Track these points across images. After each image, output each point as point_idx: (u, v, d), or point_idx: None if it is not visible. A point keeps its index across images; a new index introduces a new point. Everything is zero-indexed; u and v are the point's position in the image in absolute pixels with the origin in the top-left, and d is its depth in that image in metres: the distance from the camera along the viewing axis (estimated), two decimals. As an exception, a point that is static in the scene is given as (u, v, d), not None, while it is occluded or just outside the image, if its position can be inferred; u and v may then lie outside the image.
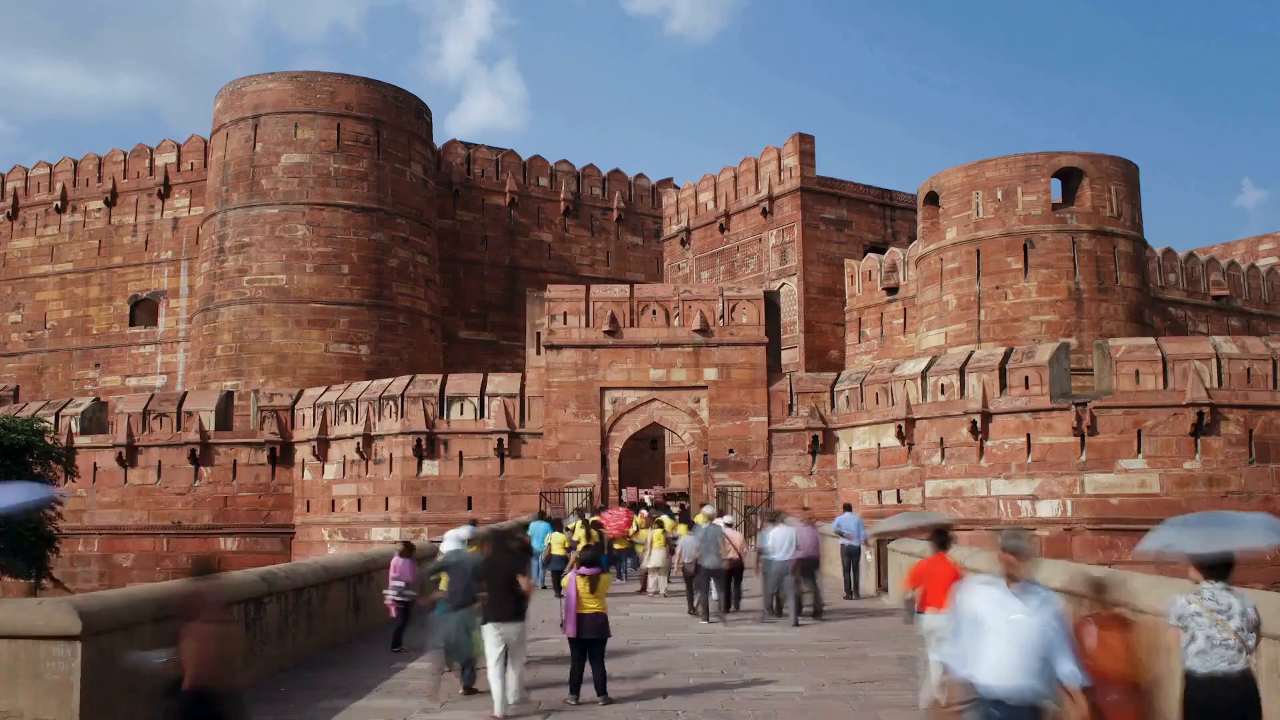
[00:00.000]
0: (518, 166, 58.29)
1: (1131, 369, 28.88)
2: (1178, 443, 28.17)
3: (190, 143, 56.06)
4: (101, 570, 38.16)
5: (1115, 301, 38.72)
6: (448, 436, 34.80)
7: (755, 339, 35.18)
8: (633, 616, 16.41)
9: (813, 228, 49.19)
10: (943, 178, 41.52)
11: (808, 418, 34.79)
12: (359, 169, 48.68)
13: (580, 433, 34.62)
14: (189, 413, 38.68)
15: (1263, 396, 28.23)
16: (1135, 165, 40.39)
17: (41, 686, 7.64)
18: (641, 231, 61.12)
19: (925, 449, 31.86)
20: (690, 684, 10.83)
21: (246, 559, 35.43)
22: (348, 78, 49.90)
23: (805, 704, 9.85)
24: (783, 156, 50.42)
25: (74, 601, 7.90)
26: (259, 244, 47.75)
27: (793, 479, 34.68)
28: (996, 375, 30.39)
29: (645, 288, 37.45)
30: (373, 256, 48.44)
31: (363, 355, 47.42)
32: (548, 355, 35.11)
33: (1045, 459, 29.33)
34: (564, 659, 10.43)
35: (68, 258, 56.89)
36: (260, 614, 10.93)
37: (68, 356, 55.95)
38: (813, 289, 48.80)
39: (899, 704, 9.84)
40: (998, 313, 39.04)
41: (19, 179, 58.68)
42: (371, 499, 35.71)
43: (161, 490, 38.37)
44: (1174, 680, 6.09)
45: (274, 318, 47.12)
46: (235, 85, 50.23)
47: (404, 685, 10.88)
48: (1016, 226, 39.19)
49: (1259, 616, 6.08)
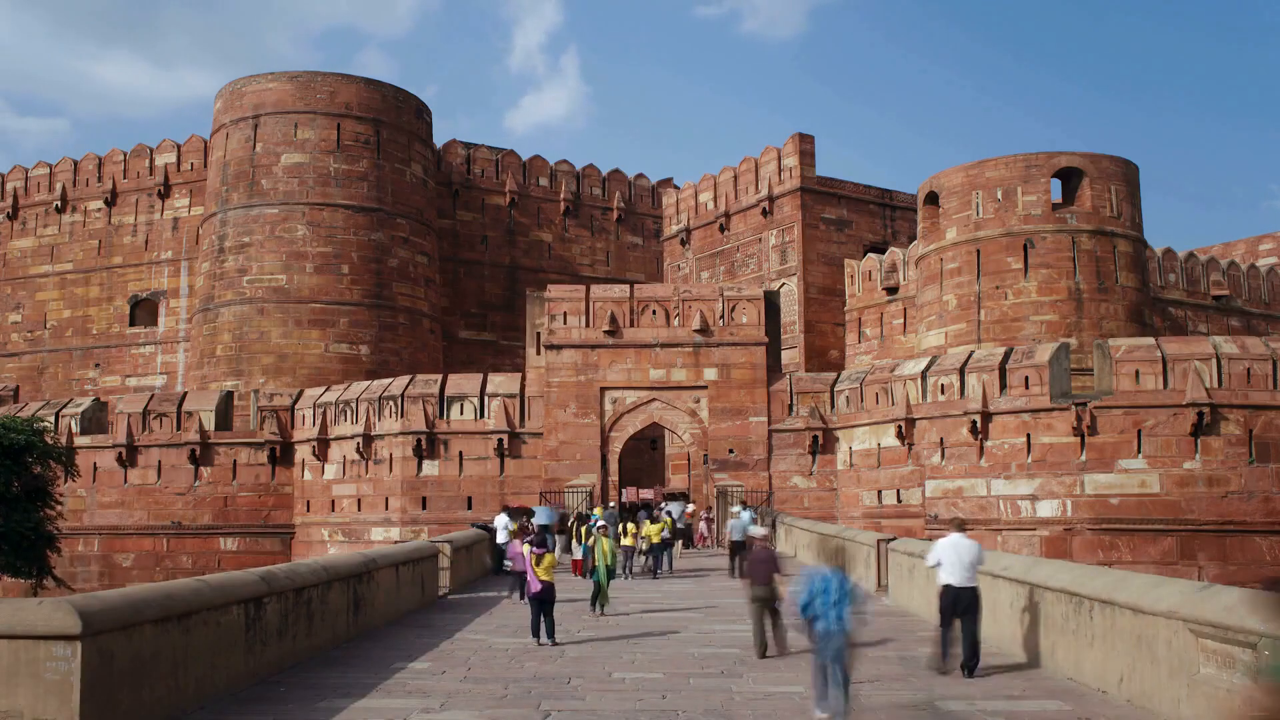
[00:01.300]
0: (517, 166, 58.30)
1: (1131, 369, 28.87)
2: (1178, 443, 28.16)
3: (190, 143, 56.06)
4: (101, 570, 38.16)
5: (1115, 301, 38.71)
6: (448, 436, 34.80)
7: (755, 339, 35.18)
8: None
9: (813, 228, 49.20)
10: (943, 178, 41.52)
11: (808, 418, 34.78)
12: (359, 169, 48.68)
13: (580, 433, 34.62)
14: (189, 413, 38.68)
15: (1263, 396, 28.22)
16: (1135, 165, 40.40)
17: (41, 686, 7.63)
18: (641, 231, 61.13)
19: (925, 449, 31.85)
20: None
21: (246, 559, 35.49)
22: (348, 78, 49.90)
23: (805, 704, 9.85)
24: (783, 156, 50.44)
25: (74, 601, 7.89)
26: (259, 244, 47.75)
27: (793, 479, 34.68)
28: (996, 375, 30.39)
29: (645, 288, 37.46)
30: (373, 256, 48.44)
31: (363, 355, 47.42)
32: (548, 355, 35.11)
33: (1045, 459, 29.33)
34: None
35: (68, 258, 56.89)
36: (260, 614, 10.92)
37: (68, 356, 55.96)
38: (813, 289, 48.80)
39: (899, 704, 9.84)
40: (998, 313, 39.04)
41: (19, 179, 58.68)
42: (371, 499, 35.71)
43: (161, 490, 38.37)
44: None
45: (274, 318, 47.12)
46: (235, 85, 50.22)
47: (404, 685, 10.88)
48: (1016, 226, 39.19)
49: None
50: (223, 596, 10.05)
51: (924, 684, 10.51)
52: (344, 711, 9.58)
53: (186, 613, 9.27)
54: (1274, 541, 27.60)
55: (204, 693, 9.59)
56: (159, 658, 8.80)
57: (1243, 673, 7.74)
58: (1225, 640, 7.94)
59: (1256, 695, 6.88)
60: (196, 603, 9.48)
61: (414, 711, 9.59)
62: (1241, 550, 27.56)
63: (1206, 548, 27.67)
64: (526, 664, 12.08)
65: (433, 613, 17.08)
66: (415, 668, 11.85)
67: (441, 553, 19.60)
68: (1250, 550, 27.53)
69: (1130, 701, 9.45)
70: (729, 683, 10.94)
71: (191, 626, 9.36)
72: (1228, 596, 8.14)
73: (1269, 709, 5.79)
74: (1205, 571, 27.16)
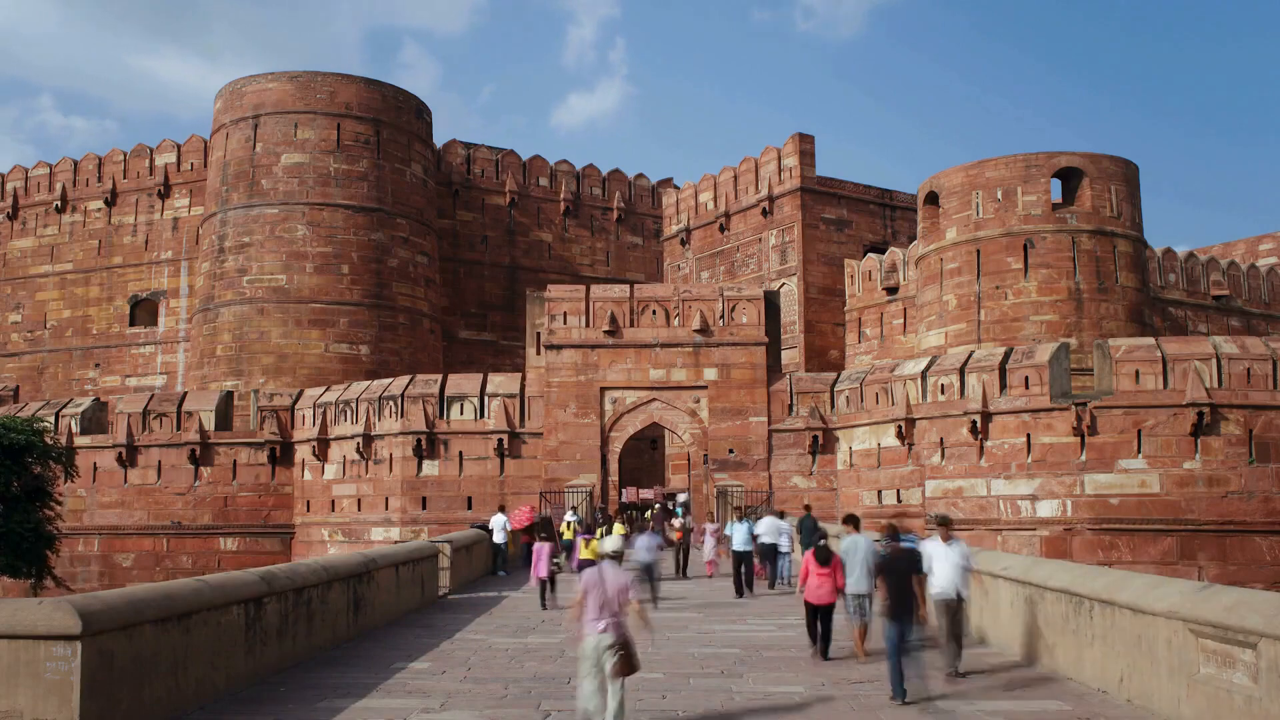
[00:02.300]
0: (517, 166, 58.30)
1: (1131, 369, 28.86)
2: (1178, 443, 28.15)
3: (190, 143, 56.05)
4: (101, 570, 38.15)
5: (1115, 301, 38.70)
6: (448, 436, 34.80)
7: (755, 339, 35.17)
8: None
9: (813, 228, 49.20)
10: (943, 178, 41.51)
11: (808, 418, 34.77)
12: (359, 169, 48.68)
13: (580, 433, 34.61)
14: (189, 413, 38.67)
15: (1263, 396, 28.21)
16: (1135, 165, 40.39)
17: (41, 686, 7.64)
18: (641, 231, 61.12)
19: (925, 449, 31.85)
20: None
21: (246, 559, 35.49)
22: (347, 78, 49.89)
23: (805, 704, 9.85)
24: (783, 156, 50.43)
25: (74, 601, 7.89)
26: (259, 244, 47.74)
27: (793, 479, 34.67)
28: (996, 375, 30.38)
29: (645, 288, 37.45)
30: (373, 256, 48.43)
31: (363, 355, 47.42)
32: (548, 355, 35.10)
33: (1045, 459, 29.32)
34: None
35: (68, 258, 56.88)
36: (260, 614, 10.92)
37: (68, 356, 55.95)
38: (813, 289, 48.80)
39: (899, 703, 9.84)
40: (998, 313, 39.03)
41: (19, 179, 58.68)
42: (371, 499, 35.70)
43: (161, 490, 38.37)
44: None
45: (274, 318, 47.11)
46: (235, 85, 50.21)
47: (404, 685, 10.88)
48: (1016, 226, 39.18)
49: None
50: (223, 596, 10.06)
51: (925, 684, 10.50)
52: (344, 712, 9.58)
53: (186, 613, 9.28)
54: (1274, 541, 27.60)
55: (204, 693, 9.59)
56: (159, 658, 8.80)
57: (1243, 673, 7.74)
58: (1225, 640, 7.94)
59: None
60: (196, 603, 9.49)
61: (414, 711, 9.59)
62: (1241, 550, 27.55)
63: (1206, 548, 27.67)
64: (526, 664, 12.09)
65: (433, 613, 17.08)
66: (415, 668, 11.86)
67: (441, 553, 19.61)
68: (1250, 550, 27.53)
69: (1130, 701, 9.45)
70: (729, 683, 10.94)
71: (191, 626, 9.36)
72: (1228, 596, 8.14)
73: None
74: (1205, 571, 27.16)
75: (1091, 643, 10.20)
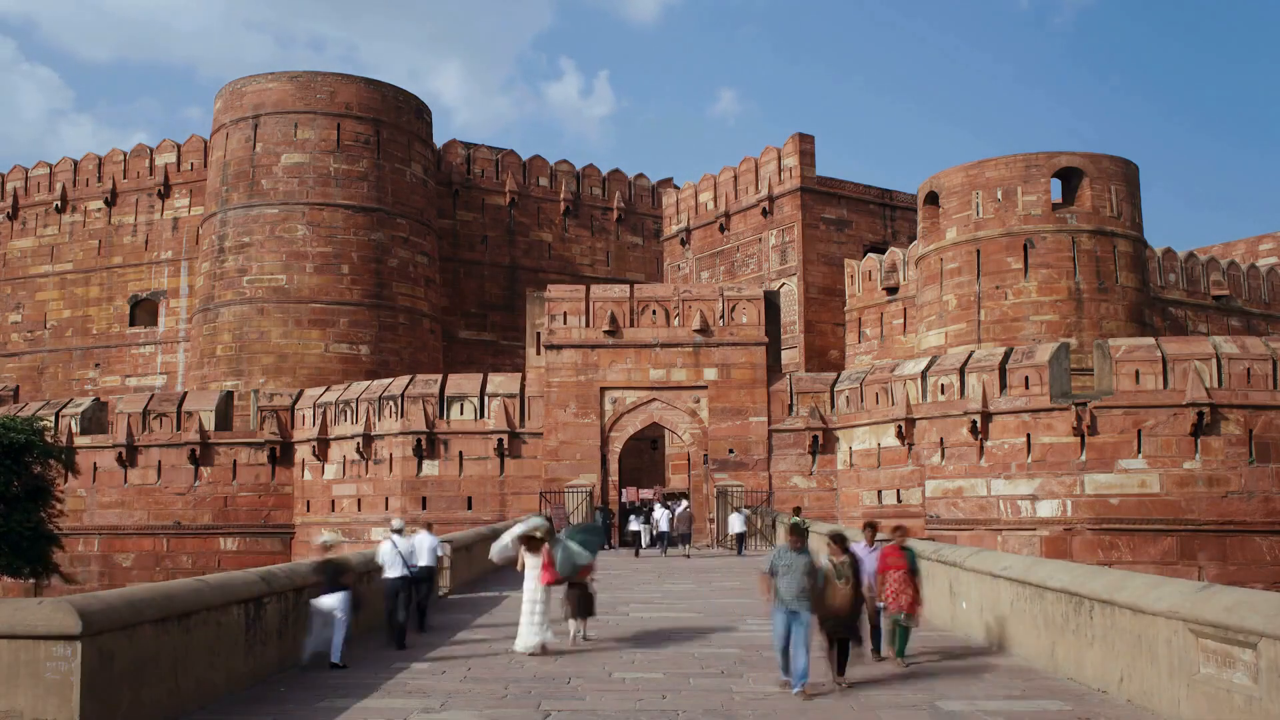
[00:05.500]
0: (518, 166, 58.31)
1: (1131, 369, 28.87)
2: (1178, 443, 28.16)
3: (190, 143, 56.05)
4: (101, 570, 38.17)
5: (1115, 301, 38.71)
6: (448, 436, 34.80)
7: (755, 339, 35.18)
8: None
9: (813, 228, 49.20)
10: (943, 178, 41.52)
11: (808, 418, 34.78)
12: (359, 169, 48.69)
13: (580, 433, 34.62)
14: (189, 413, 38.68)
15: (1263, 396, 28.22)
16: (1135, 165, 40.40)
17: (41, 686, 7.63)
18: (641, 231, 61.13)
19: (925, 449, 31.85)
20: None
21: (246, 559, 35.51)
22: (347, 78, 49.91)
23: (805, 703, 9.85)
24: (783, 156, 50.43)
25: (74, 601, 7.89)
26: (259, 244, 47.75)
27: (793, 479, 34.68)
28: (996, 375, 30.38)
29: (645, 288, 37.46)
30: (373, 256, 48.44)
31: (363, 355, 47.42)
32: (548, 355, 35.11)
33: (1045, 459, 29.33)
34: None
35: (68, 258, 56.89)
36: (260, 614, 10.92)
37: (68, 356, 55.95)
38: (813, 289, 48.80)
39: (899, 704, 9.84)
40: (998, 313, 39.04)
41: (19, 179, 58.69)
42: (371, 499, 35.71)
43: (161, 490, 38.38)
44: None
45: (274, 318, 47.12)
46: (235, 85, 50.21)
47: (404, 685, 10.87)
48: (1016, 226, 39.19)
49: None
50: (223, 596, 10.05)
51: (925, 684, 10.50)
52: (344, 712, 9.58)
53: (186, 613, 9.27)
54: (1274, 541, 27.61)
55: (204, 693, 9.59)
56: (159, 658, 8.80)
57: (1243, 673, 7.74)
58: (1225, 640, 7.93)
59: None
60: (196, 603, 9.48)
61: (414, 711, 9.59)
62: (1241, 550, 27.56)
63: (1206, 548, 27.68)
64: (526, 664, 12.08)
65: (433, 612, 17.07)
66: (415, 668, 11.85)
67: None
68: (1250, 550, 27.54)
69: (1130, 701, 9.45)
70: (729, 683, 10.93)
71: (191, 626, 9.35)
72: (1228, 596, 8.13)
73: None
74: (1205, 571, 27.16)
75: (1091, 643, 10.20)
